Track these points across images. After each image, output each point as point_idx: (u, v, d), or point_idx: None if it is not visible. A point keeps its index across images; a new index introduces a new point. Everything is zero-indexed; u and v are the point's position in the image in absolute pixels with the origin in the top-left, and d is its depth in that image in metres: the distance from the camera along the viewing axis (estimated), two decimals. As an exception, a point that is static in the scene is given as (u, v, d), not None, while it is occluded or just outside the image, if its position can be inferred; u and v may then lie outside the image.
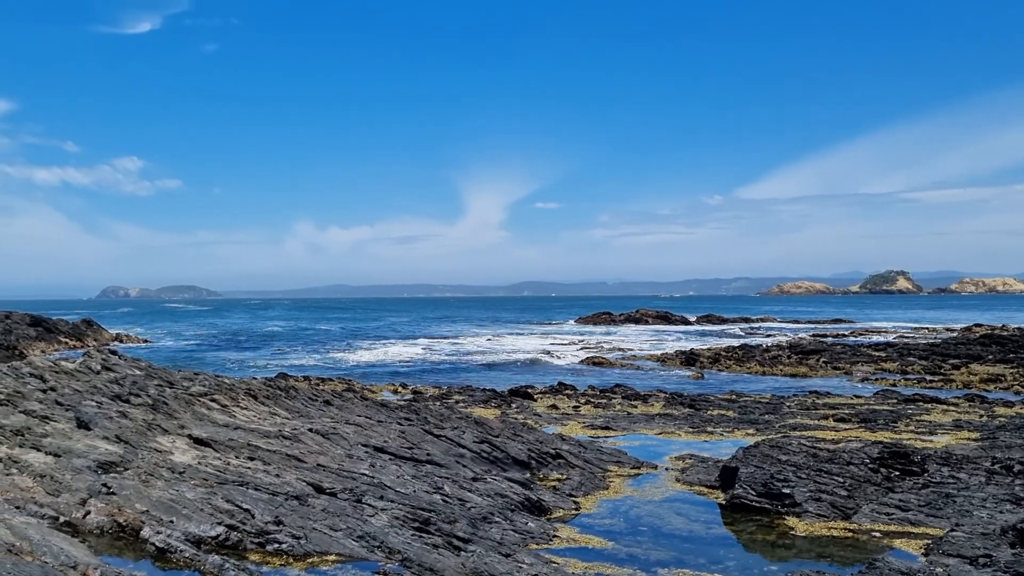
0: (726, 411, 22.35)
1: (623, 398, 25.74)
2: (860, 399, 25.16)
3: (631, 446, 17.08)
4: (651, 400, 25.10)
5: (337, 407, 18.41)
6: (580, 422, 20.71)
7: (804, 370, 35.55)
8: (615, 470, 14.73)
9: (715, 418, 21.02)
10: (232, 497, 10.89)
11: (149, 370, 20.15)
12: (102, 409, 15.36)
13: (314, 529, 10.02)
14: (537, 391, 27.77)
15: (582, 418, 21.50)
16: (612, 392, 27.36)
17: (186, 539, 9.89)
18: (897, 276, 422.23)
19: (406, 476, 12.37)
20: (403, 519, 10.48)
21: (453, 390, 28.59)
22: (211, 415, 15.86)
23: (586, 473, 14.30)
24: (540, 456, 14.99)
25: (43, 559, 9.01)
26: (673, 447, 17.07)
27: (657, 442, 17.86)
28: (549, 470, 14.59)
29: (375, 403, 19.82)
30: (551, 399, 25.70)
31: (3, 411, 15.32)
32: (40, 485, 11.81)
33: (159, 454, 13.12)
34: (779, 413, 21.75)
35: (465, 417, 18.18)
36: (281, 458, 12.98)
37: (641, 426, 19.91)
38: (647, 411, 22.80)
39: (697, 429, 19.26)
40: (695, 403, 24.00)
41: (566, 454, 15.20)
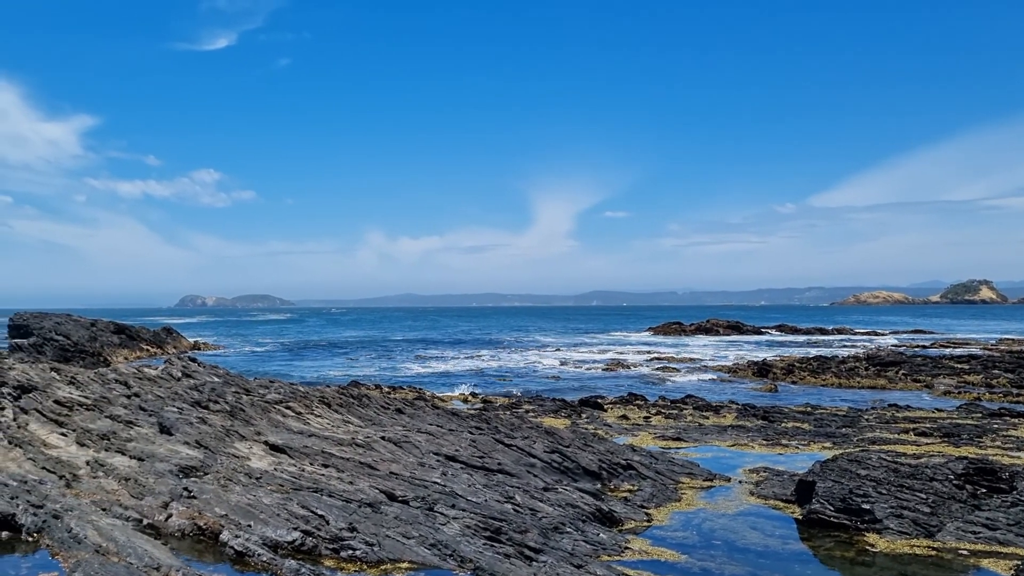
0: (801, 424, 21.88)
1: (694, 409, 25.42)
2: (942, 413, 24.37)
3: (703, 458, 16.85)
4: (723, 411, 24.74)
5: (409, 416, 18.59)
6: (651, 433, 20.52)
7: (882, 382, 34.59)
8: (687, 482, 14.55)
9: (790, 431, 20.60)
10: (307, 503, 11.08)
11: (227, 377, 20.66)
12: (183, 415, 15.80)
13: (387, 536, 10.13)
14: (607, 401, 27.61)
15: (653, 429, 21.30)
16: (683, 403, 27.04)
17: (263, 543, 10.09)
18: (980, 285, 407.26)
19: (477, 485, 12.41)
20: (475, 528, 10.52)
21: (523, 400, 28.62)
22: (286, 422, 16.18)
23: (658, 484, 14.16)
24: (611, 467, 14.90)
25: (128, 560, 9.31)
26: (746, 459, 16.79)
27: (730, 454, 17.59)
28: (620, 481, 14.49)
29: (446, 412, 19.96)
30: (621, 409, 25.52)
31: (90, 416, 15.89)
32: (125, 488, 12.20)
33: (237, 460, 13.43)
34: (857, 426, 21.20)
35: (535, 427, 18.17)
36: (354, 465, 13.16)
37: (713, 438, 19.64)
38: (719, 422, 22.47)
39: (771, 442, 18.90)
40: (768, 415, 23.56)
41: (637, 465, 15.08)
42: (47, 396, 16.72)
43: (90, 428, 15.16)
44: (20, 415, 15.97)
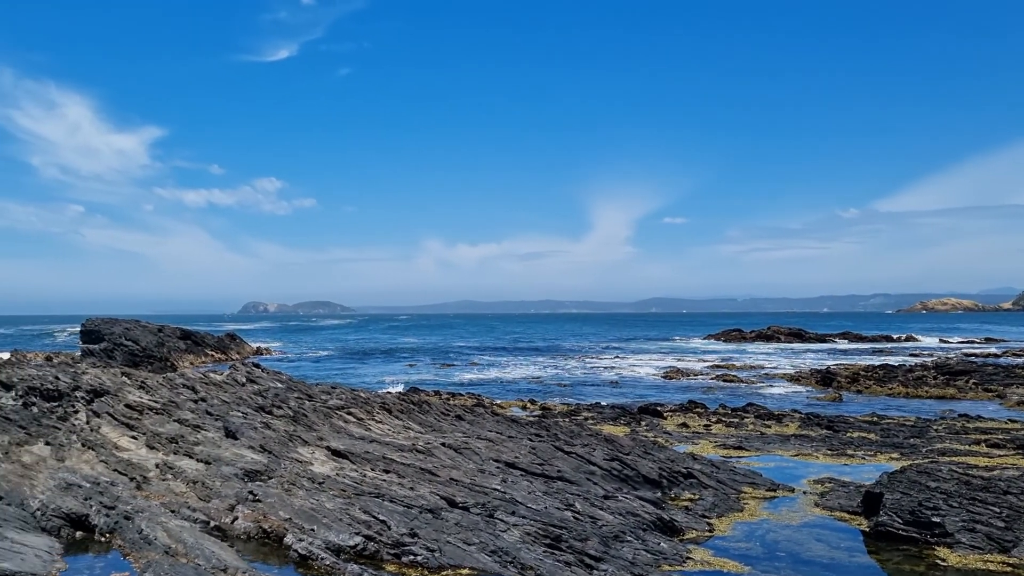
0: (867, 433, 21.40)
1: (756, 417, 25.05)
2: (1016, 424, 23.59)
3: (766, 467, 16.60)
4: (785, 420, 24.33)
5: (468, 422, 18.67)
6: (711, 441, 20.29)
7: (952, 392, 33.64)
8: (750, 492, 14.34)
9: (855, 440, 20.16)
10: (369, 508, 11.20)
11: (290, 383, 21.01)
12: (247, 420, 16.11)
13: (448, 542, 10.18)
14: (667, 409, 27.38)
15: (713, 437, 21.05)
16: (744, 411, 26.67)
17: (326, 547, 10.23)
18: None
19: (537, 492, 12.40)
20: (535, 535, 10.52)
21: (582, 407, 28.54)
22: (348, 428, 16.37)
23: (719, 494, 13.99)
24: (671, 475, 14.76)
25: (196, 561, 9.51)
26: (811, 470, 16.49)
27: (793, 464, 17.29)
28: (681, 490, 14.35)
29: (505, 419, 20.00)
30: (681, 417, 25.27)
31: (159, 419, 16.30)
32: (192, 491, 12.48)
33: (300, 464, 13.63)
34: (925, 437, 20.66)
35: (595, 434, 18.10)
36: (415, 471, 13.25)
37: (776, 447, 19.33)
38: (782, 431, 22.10)
39: (836, 452, 18.53)
40: (833, 424, 23.09)
41: (698, 474, 14.91)
42: (118, 400, 17.19)
43: (159, 432, 15.54)
44: (93, 418, 16.46)
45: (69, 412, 17.30)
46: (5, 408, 17.73)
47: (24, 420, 17.00)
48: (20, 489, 12.19)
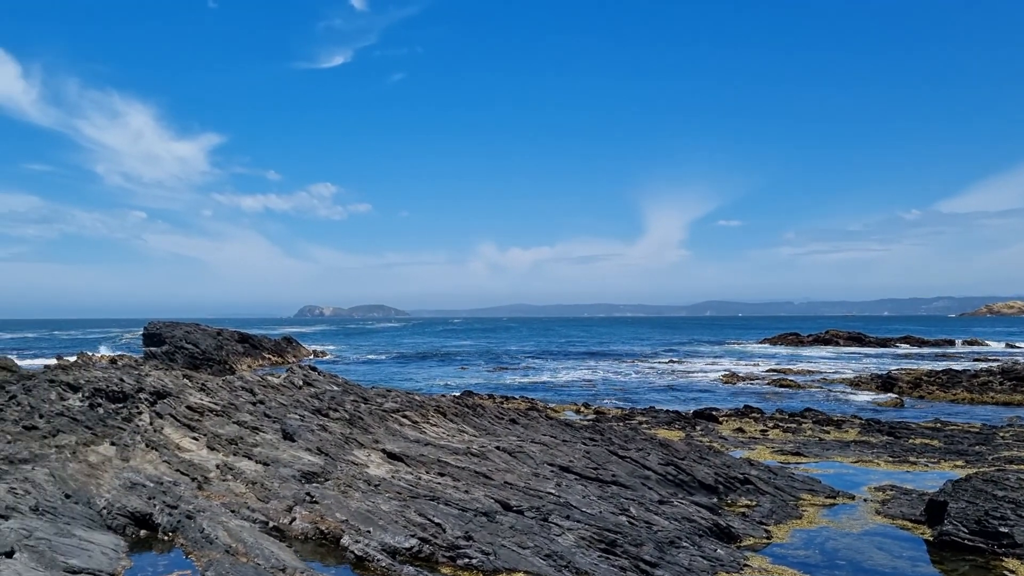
0: (930, 440, 20.89)
1: (814, 423, 24.62)
2: (1087, 431, 22.83)
3: (825, 474, 16.30)
4: (845, 426, 23.87)
5: (523, 426, 18.69)
6: (768, 447, 19.99)
7: (1019, 398, 32.65)
8: (808, 498, 14.10)
9: (918, 447, 19.69)
10: (424, 511, 11.27)
11: (345, 386, 21.25)
12: (304, 422, 16.34)
13: (503, 546, 10.20)
14: (722, 414, 27.06)
15: (770, 443, 20.75)
16: (802, 416, 26.22)
17: (382, 549, 10.33)
18: None
19: (592, 496, 12.36)
20: (589, 540, 10.48)
21: (636, 411, 28.35)
22: (403, 431, 16.50)
23: (777, 500, 13.78)
24: (728, 481, 14.59)
25: (256, 561, 9.68)
26: (871, 477, 16.15)
27: (853, 471, 16.95)
28: (737, 496, 14.17)
29: (559, 423, 19.98)
30: (737, 422, 24.96)
31: (219, 421, 16.62)
32: (252, 491, 12.70)
33: (356, 467, 13.78)
34: (992, 444, 20.08)
35: (649, 438, 17.98)
36: (469, 475, 13.30)
37: (835, 453, 18.97)
38: (841, 437, 21.69)
39: (898, 458, 18.12)
40: (894, 430, 22.59)
41: (755, 479, 14.72)
42: (180, 402, 17.57)
43: (219, 433, 15.85)
44: (156, 419, 16.85)
45: (133, 413, 17.75)
46: (72, 409, 18.26)
47: (90, 421, 17.50)
48: (87, 488, 12.54)
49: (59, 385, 19.90)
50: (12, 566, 8.83)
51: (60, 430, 16.72)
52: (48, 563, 9.17)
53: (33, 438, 16.12)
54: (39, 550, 9.47)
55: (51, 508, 11.23)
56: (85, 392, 19.12)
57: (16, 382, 26.46)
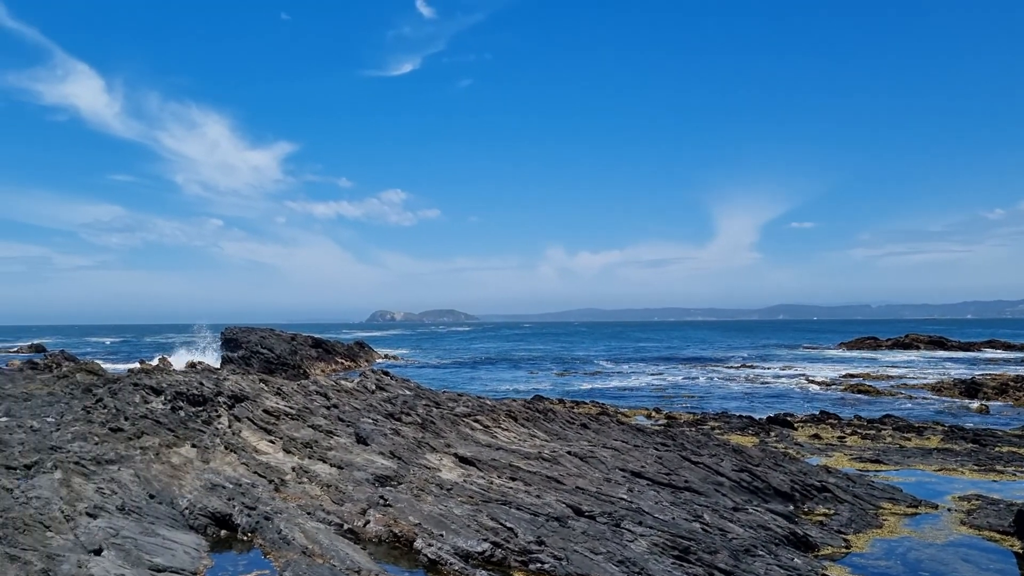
0: (1018, 448, 20.12)
1: (894, 429, 23.95)
2: None
3: (906, 482, 15.85)
4: (927, 433, 23.16)
5: (594, 431, 18.61)
6: (846, 454, 19.52)
7: (1113, 404, 31.26)
8: (889, 507, 13.72)
9: (1005, 456, 18.99)
10: (496, 515, 11.31)
11: (417, 391, 21.45)
12: (377, 426, 16.55)
13: (575, 551, 10.17)
14: (797, 419, 26.54)
15: (848, 450, 20.25)
16: (881, 423, 25.53)
17: (455, 553, 10.39)
18: None
19: (664, 502, 12.24)
20: (662, 546, 10.38)
21: (708, 416, 27.99)
22: (474, 435, 16.59)
23: (856, 509, 13.45)
24: (804, 488, 14.29)
25: (332, 562, 9.83)
26: (955, 486, 15.64)
27: (936, 479, 16.44)
28: (814, 504, 13.87)
29: (631, 428, 19.84)
30: (813, 428, 24.44)
31: (295, 425, 16.95)
32: (327, 494, 12.91)
33: (428, 471, 13.90)
34: (1084, 452, 19.26)
35: (722, 444, 17.73)
36: (541, 479, 13.31)
37: (916, 461, 18.43)
38: (923, 444, 21.05)
39: (984, 467, 17.51)
40: (980, 438, 21.82)
41: (833, 487, 14.38)
42: (257, 405, 17.97)
43: (295, 436, 16.16)
44: (234, 422, 17.27)
45: (212, 416, 18.20)
46: (155, 412, 18.82)
47: (172, 423, 18.01)
48: (170, 489, 12.91)
49: (143, 388, 20.54)
50: (100, 563, 9.15)
51: (144, 432, 17.25)
52: (134, 561, 9.47)
53: (119, 440, 16.66)
54: (125, 548, 9.79)
55: (136, 508, 11.60)
56: (167, 395, 19.69)
57: (102, 385, 27.42)
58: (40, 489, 11.96)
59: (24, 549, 9.29)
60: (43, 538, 9.85)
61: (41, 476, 12.92)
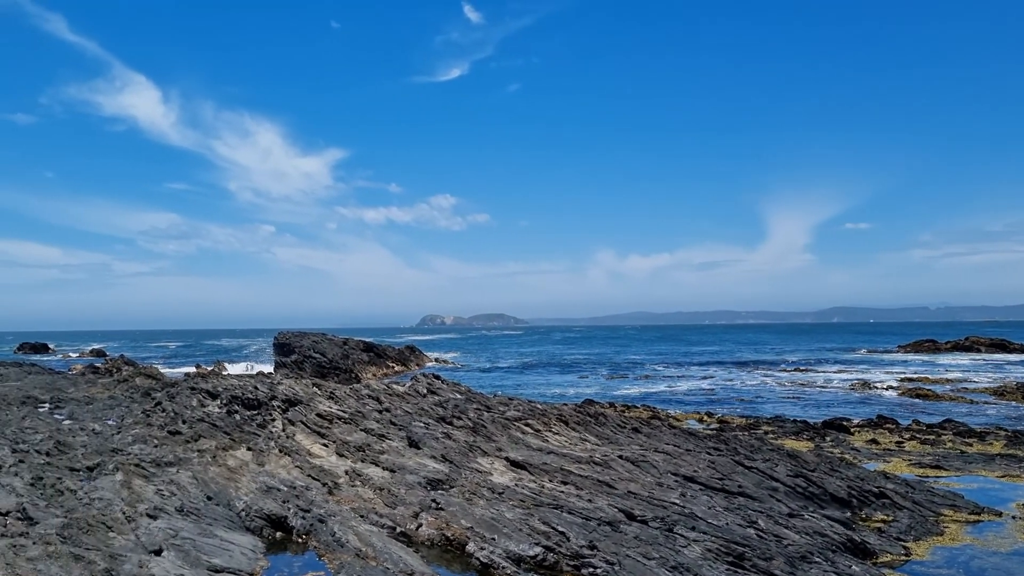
0: (1085, 454, 19.51)
1: (954, 434, 23.39)
2: None
3: (968, 489, 15.47)
4: (989, 438, 22.57)
5: (645, 435, 18.49)
6: (905, 459, 19.11)
7: None
8: (950, 514, 13.40)
9: (1071, 461, 18.43)
10: (548, 519, 11.30)
11: (468, 394, 21.53)
12: (429, 430, 16.64)
13: (627, 556, 10.11)
14: (853, 424, 26.06)
15: (907, 455, 19.82)
16: (941, 428, 24.96)
17: (507, 556, 10.40)
18: None
19: (718, 508, 12.11)
20: (716, 552, 10.27)
21: (761, 420, 27.64)
22: (525, 439, 16.60)
23: (916, 516, 13.16)
24: (861, 494, 14.03)
25: (385, 565, 9.91)
26: (1020, 492, 15.22)
27: (1000, 486, 16.01)
28: (872, 510, 13.61)
29: (682, 432, 19.68)
30: (870, 433, 23.98)
31: (348, 428, 17.12)
32: (379, 497, 13.02)
33: (479, 474, 13.94)
34: None
35: (776, 449, 17.50)
36: (592, 483, 13.26)
37: (979, 467, 17.96)
38: (985, 450, 20.52)
39: (1049, 473, 17.01)
40: (1044, 443, 21.21)
41: (891, 493, 14.09)
42: (310, 409, 18.20)
43: (347, 440, 16.33)
44: (288, 426, 17.51)
45: (267, 420, 18.49)
46: (212, 415, 19.19)
47: (228, 427, 18.33)
48: (226, 491, 13.14)
49: (199, 392, 20.95)
50: (161, 563, 9.35)
51: (201, 435, 17.59)
52: (193, 562, 9.65)
53: (177, 442, 17.01)
54: (184, 549, 9.99)
55: (195, 509, 11.83)
56: (223, 399, 20.06)
57: (161, 389, 28.00)
58: (102, 490, 12.26)
59: (88, 549, 9.53)
60: (105, 538, 10.10)
61: (103, 478, 13.25)
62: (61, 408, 26.24)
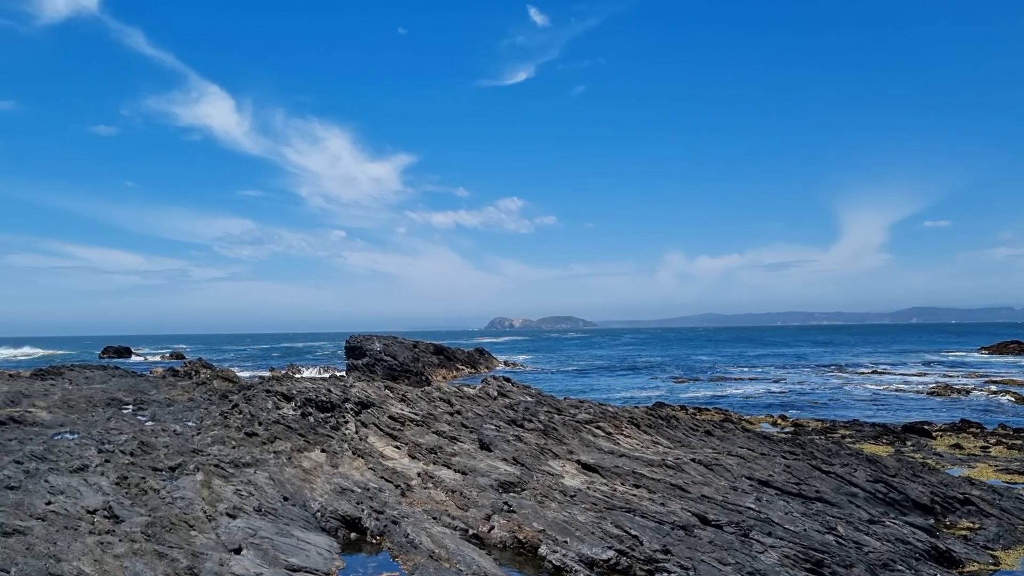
0: None
1: (1044, 439, 22.48)
2: None
3: (1059, 496, 14.84)
4: (1081, 443, 21.64)
5: (718, 438, 18.23)
6: (991, 465, 18.43)
7: None
8: (1041, 522, 12.87)
9: None
10: (620, 523, 11.21)
11: (539, 397, 21.51)
12: (500, 432, 16.67)
13: (702, 561, 9.97)
14: (935, 428, 25.26)
15: (994, 460, 19.12)
16: (1029, 432, 24.03)
17: (580, 560, 10.35)
18: None
19: (795, 513, 11.86)
20: (794, 558, 10.06)
21: (838, 424, 26.99)
22: (597, 442, 16.51)
23: (1004, 524, 12.68)
24: (945, 501, 13.58)
25: (458, 567, 9.95)
26: (1116, 500, 14.54)
27: (1094, 493, 15.32)
28: (957, 517, 13.16)
29: (756, 435, 19.33)
30: (953, 438, 23.21)
31: (420, 431, 17.26)
32: (451, 499, 13.09)
33: (551, 477, 13.91)
34: None
35: (854, 453, 17.07)
36: (665, 487, 13.11)
37: (1070, 473, 17.23)
38: (1077, 456, 19.67)
39: None
40: None
41: (977, 500, 13.61)
42: (383, 412, 18.41)
43: (419, 442, 16.47)
44: (361, 428, 17.73)
45: (340, 422, 18.76)
46: (287, 418, 19.54)
47: (303, 429, 18.65)
48: (302, 492, 13.37)
49: (275, 395, 21.37)
50: (241, 562, 9.55)
51: (277, 437, 17.93)
52: (271, 561, 9.84)
53: (254, 444, 17.37)
54: (263, 548, 10.19)
55: (272, 509, 12.06)
56: (297, 402, 20.42)
57: (237, 392, 28.66)
58: (184, 490, 12.59)
59: (171, 547, 9.79)
60: (188, 536, 10.36)
61: (184, 478, 13.61)
62: (144, 410, 27.07)
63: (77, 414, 25.09)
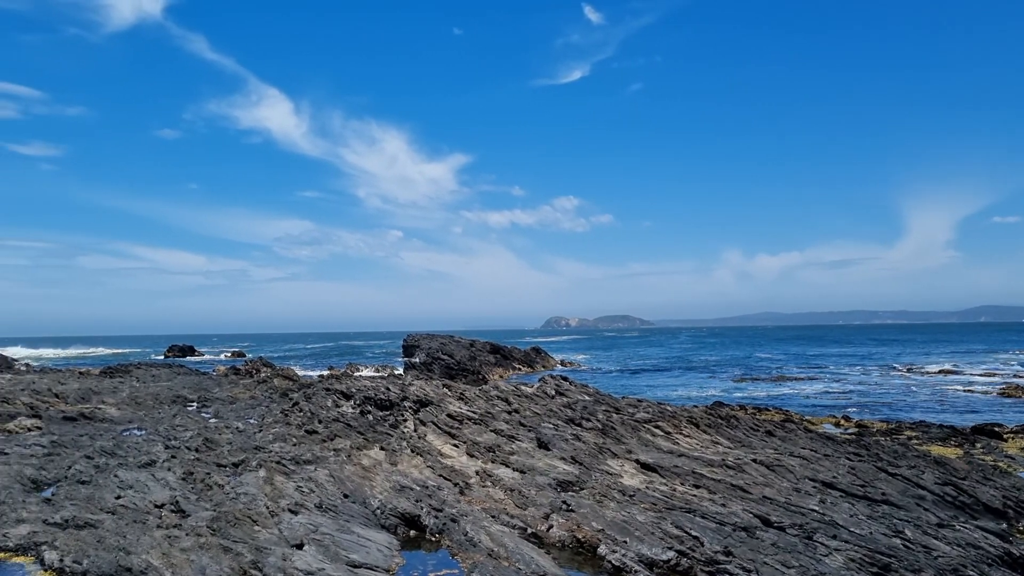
0: None
1: (1122, 442, 21.66)
2: None
3: None
4: None
5: (779, 438, 17.94)
6: (1066, 468, 17.81)
7: None
8: (1121, 528, 12.40)
9: None
10: (680, 523, 11.09)
11: (596, 396, 21.42)
12: (558, 431, 16.64)
13: (764, 563, 9.81)
14: (1006, 430, 24.50)
15: (1068, 463, 18.47)
16: (1106, 434, 23.16)
17: (639, 560, 10.27)
18: None
19: (860, 515, 11.60)
20: (859, 562, 9.84)
21: (904, 425, 26.34)
22: (655, 441, 16.37)
23: (1081, 529, 12.24)
24: (1018, 505, 13.17)
25: (517, 566, 9.95)
26: None
27: None
28: (1031, 522, 12.74)
29: (819, 435, 18.97)
30: (1025, 440, 22.49)
31: (478, 429, 17.31)
32: (510, 498, 13.09)
33: (610, 476, 13.83)
34: None
35: (922, 455, 16.64)
36: (726, 487, 12.94)
37: None
38: None
39: None
40: None
41: (1052, 505, 13.16)
42: (441, 410, 18.50)
43: (478, 441, 16.51)
44: (419, 427, 17.85)
45: (399, 420, 18.91)
46: (346, 416, 19.77)
47: (362, 427, 18.85)
48: (361, 489, 13.50)
49: (334, 393, 21.64)
50: (303, 557, 9.68)
51: (336, 435, 18.15)
52: (332, 557, 9.96)
53: (314, 441, 17.62)
54: (324, 544, 10.32)
55: (332, 506, 12.21)
56: (356, 400, 20.65)
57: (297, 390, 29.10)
58: (247, 486, 12.82)
59: (235, 541, 9.97)
60: (251, 531, 10.54)
61: (247, 474, 13.86)
62: (207, 407, 27.65)
63: (144, 411, 25.74)
